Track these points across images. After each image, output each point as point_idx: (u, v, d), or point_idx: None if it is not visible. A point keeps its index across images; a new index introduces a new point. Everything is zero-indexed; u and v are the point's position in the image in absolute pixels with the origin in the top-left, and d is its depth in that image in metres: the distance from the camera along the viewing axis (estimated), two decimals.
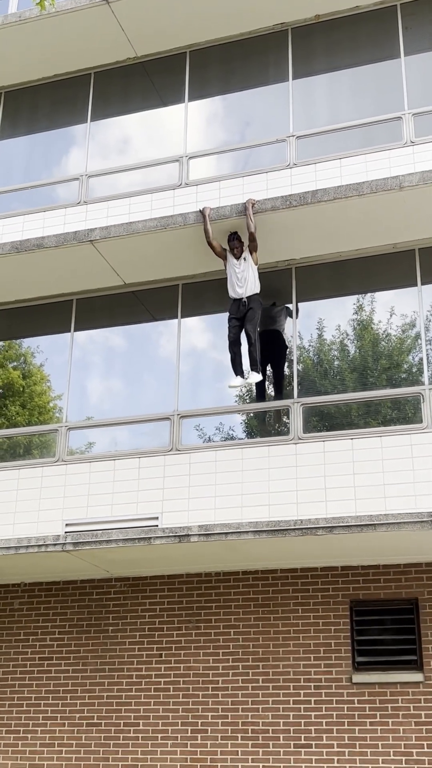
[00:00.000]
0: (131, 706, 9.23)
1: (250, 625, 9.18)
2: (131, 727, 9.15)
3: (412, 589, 8.85)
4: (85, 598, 9.87)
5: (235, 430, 10.08)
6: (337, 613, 8.98)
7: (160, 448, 9.71)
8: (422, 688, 8.44)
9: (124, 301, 10.54)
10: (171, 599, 9.57)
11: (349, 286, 10.03)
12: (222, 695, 8.99)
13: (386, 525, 8.18)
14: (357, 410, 9.59)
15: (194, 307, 10.25)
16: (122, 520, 9.35)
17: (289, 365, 9.82)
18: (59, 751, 9.30)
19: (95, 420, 10.45)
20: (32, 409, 11.43)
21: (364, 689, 8.61)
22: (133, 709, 9.21)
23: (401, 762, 8.25)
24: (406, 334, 9.84)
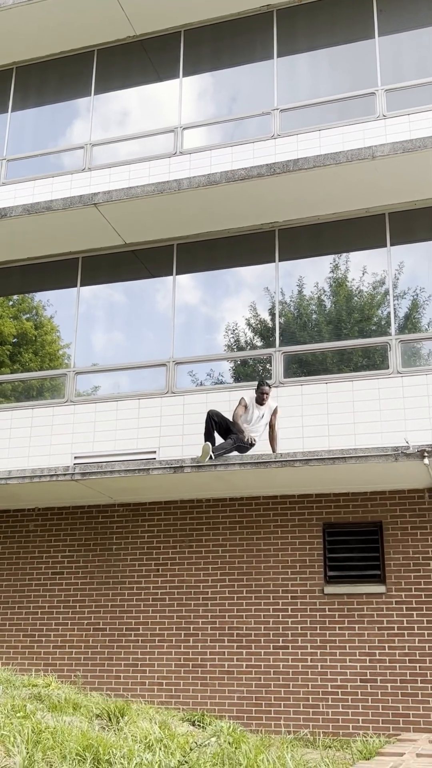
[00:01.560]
0: (132, 614, 9.48)
1: (236, 544, 9.39)
2: (132, 631, 9.42)
3: (377, 513, 9.04)
4: (92, 521, 10.06)
5: (224, 375, 10.19)
6: (311, 534, 9.18)
7: (157, 391, 9.81)
8: (384, 599, 8.69)
9: (125, 259, 10.56)
10: (167, 522, 9.76)
11: (326, 247, 10.05)
12: (211, 604, 9.24)
13: (355, 458, 8.34)
14: (332, 358, 9.69)
15: (187, 265, 10.28)
16: (124, 453, 9.48)
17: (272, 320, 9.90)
18: (69, 652, 9.57)
19: (100, 366, 10.54)
20: (44, 356, 11.50)
21: (334, 599, 8.86)
22: (133, 616, 9.47)
23: (365, 661, 8.53)
24: (377, 291, 9.89)
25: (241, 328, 10.20)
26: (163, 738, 4.62)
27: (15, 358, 11.45)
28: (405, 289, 9.61)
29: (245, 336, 10.29)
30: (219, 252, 10.20)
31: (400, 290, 9.61)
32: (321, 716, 8.41)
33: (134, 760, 3.93)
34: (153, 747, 4.34)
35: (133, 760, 3.92)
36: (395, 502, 9.01)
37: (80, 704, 5.53)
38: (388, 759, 5.10)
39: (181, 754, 4.30)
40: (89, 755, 3.97)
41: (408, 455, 8.12)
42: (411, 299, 9.64)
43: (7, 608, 10.00)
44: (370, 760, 5.10)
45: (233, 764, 4.31)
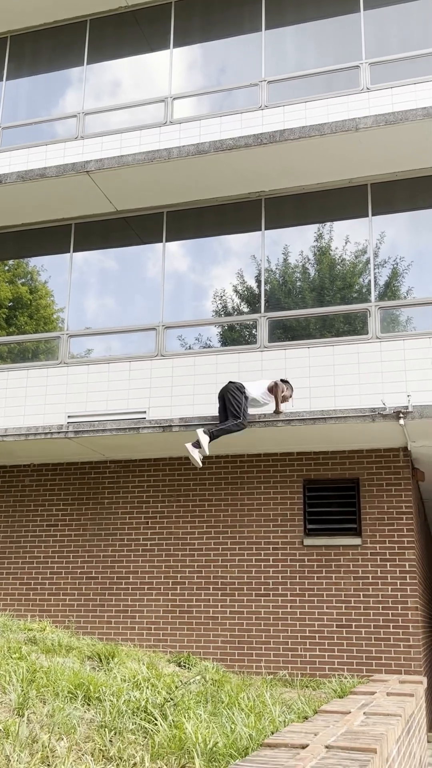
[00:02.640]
0: (123, 563, 9.58)
1: (221, 499, 9.47)
2: (123, 580, 9.53)
3: (355, 471, 9.12)
4: (85, 476, 10.10)
5: (212, 340, 10.16)
6: (292, 490, 9.26)
7: (147, 354, 9.78)
8: (360, 550, 8.82)
9: (116, 226, 10.43)
10: (156, 478, 9.82)
11: (311, 217, 9.96)
12: (197, 554, 9.35)
13: (335, 418, 8.38)
14: (314, 324, 9.67)
15: (177, 232, 10.18)
16: (115, 413, 9.48)
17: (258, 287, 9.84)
18: (63, 599, 9.69)
19: (92, 329, 10.48)
20: (38, 319, 11.41)
21: (313, 551, 8.98)
22: (124, 566, 9.57)
23: (341, 608, 8.68)
24: (358, 260, 9.84)
25: (229, 295, 10.14)
26: (151, 677, 4.69)
27: (11, 322, 11.36)
28: (386, 258, 9.56)
29: (232, 302, 10.23)
30: (207, 220, 10.08)
31: (381, 259, 9.56)
32: (299, 659, 8.57)
33: (123, 697, 4.00)
34: (141, 686, 4.40)
35: (121, 698, 3.98)
36: (372, 460, 9.09)
37: (73, 647, 5.60)
38: (360, 697, 5.21)
39: (167, 692, 4.38)
40: (80, 693, 4.03)
41: (385, 416, 8.16)
42: (391, 268, 9.60)
43: (3, 558, 10.07)
44: (344, 698, 5.21)
45: (216, 702, 4.39)
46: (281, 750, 3.13)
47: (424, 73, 9.05)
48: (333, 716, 4.17)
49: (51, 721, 3.41)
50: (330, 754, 3.06)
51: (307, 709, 4.49)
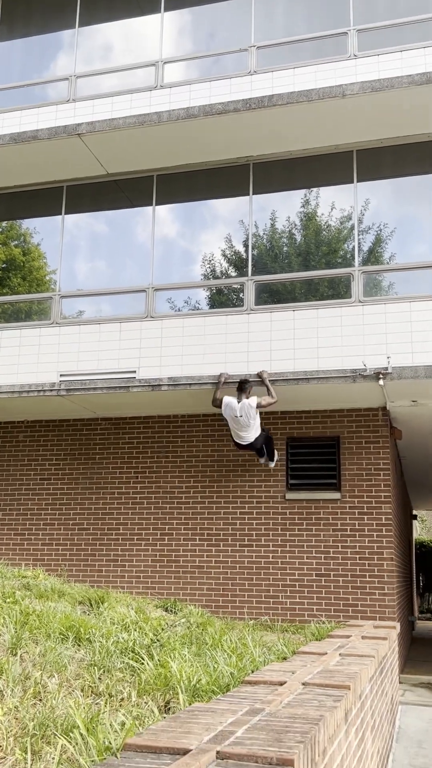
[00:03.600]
0: (113, 515, 9.66)
1: (208, 455, 9.53)
2: (113, 531, 9.62)
3: (336, 429, 9.19)
4: (77, 433, 10.12)
5: (201, 303, 10.09)
6: (276, 447, 9.34)
7: (137, 315, 9.69)
8: (339, 504, 8.94)
9: (107, 189, 10.24)
10: (145, 435, 9.85)
11: (298, 182, 9.82)
12: (185, 507, 9.44)
13: (318, 379, 8.42)
14: (299, 288, 9.62)
15: (167, 195, 10.01)
16: (106, 372, 9.43)
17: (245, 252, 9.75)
18: (56, 549, 9.78)
19: (84, 290, 10.37)
20: (31, 281, 11.27)
21: (295, 504, 9.09)
22: (114, 517, 9.65)
23: (321, 558, 8.82)
24: (343, 226, 9.75)
25: (217, 259, 10.04)
26: (139, 621, 4.76)
27: (4, 283, 11.21)
28: (369, 225, 9.47)
29: (220, 266, 10.14)
30: (197, 184, 9.92)
31: (365, 225, 9.47)
32: (280, 605, 8.72)
33: (112, 638, 4.06)
34: (129, 628, 4.47)
35: (110, 639, 4.04)
36: (352, 419, 9.15)
37: (65, 593, 5.66)
38: (336, 640, 5.32)
39: (154, 634, 4.44)
40: (71, 635, 4.08)
41: (365, 377, 8.20)
42: (375, 234, 9.52)
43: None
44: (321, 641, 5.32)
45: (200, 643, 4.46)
46: (261, 686, 3.20)
47: (411, 40, 8.85)
48: (310, 657, 4.26)
49: (43, 660, 3.46)
50: (306, 690, 3.13)
51: (286, 651, 4.57)
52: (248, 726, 2.35)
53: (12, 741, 2.29)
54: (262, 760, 1.98)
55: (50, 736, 2.37)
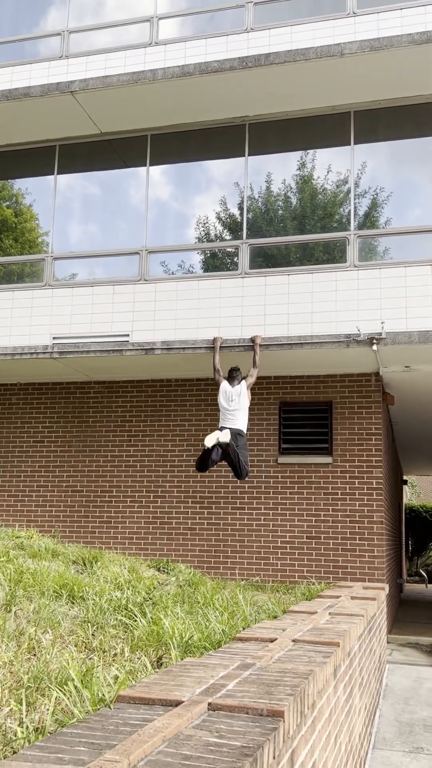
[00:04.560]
0: (106, 478, 9.71)
1: (201, 419, 9.55)
2: (106, 493, 9.68)
3: (328, 394, 9.22)
4: (70, 396, 10.11)
5: (194, 267, 10.00)
6: (269, 412, 9.37)
7: (130, 278, 9.60)
8: (330, 468, 9.01)
9: (100, 149, 10.04)
10: (139, 399, 9.85)
11: (294, 143, 9.66)
12: (177, 471, 9.49)
13: (311, 344, 8.40)
14: (294, 252, 9.54)
15: (161, 156, 9.83)
16: (99, 335, 9.37)
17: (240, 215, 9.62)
18: (50, 510, 9.84)
19: (76, 252, 10.24)
20: (23, 243, 11.12)
21: (287, 468, 9.15)
22: (107, 480, 9.70)
23: (312, 521, 8.92)
24: (339, 189, 9.63)
25: (212, 222, 9.93)
26: (132, 580, 4.81)
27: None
28: (366, 189, 9.36)
29: (215, 229, 10.03)
30: (191, 144, 9.74)
31: (362, 189, 9.35)
32: (271, 567, 8.84)
33: (105, 596, 4.10)
34: (122, 587, 4.52)
35: (104, 597, 4.09)
36: (345, 384, 9.16)
37: (58, 552, 5.71)
38: (326, 600, 5.40)
39: (147, 592, 4.50)
40: (65, 593, 4.12)
41: (359, 342, 8.18)
42: (371, 198, 9.41)
43: None
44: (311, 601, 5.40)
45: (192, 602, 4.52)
46: (252, 643, 3.25)
47: None
48: (300, 615, 4.33)
49: (37, 616, 3.50)
50: (296, 647, 3.18)
51: (276, 610, 4.64)
52: (239, 680, 2.39)
53: (7, 693, 2.33)
54: (253, 712, 2.02)
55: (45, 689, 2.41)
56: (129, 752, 1.59)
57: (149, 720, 1.89)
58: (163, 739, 1.73)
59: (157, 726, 1.81)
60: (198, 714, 1.98)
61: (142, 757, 1.60)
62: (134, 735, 1.73)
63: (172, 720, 1.86)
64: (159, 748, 1.67)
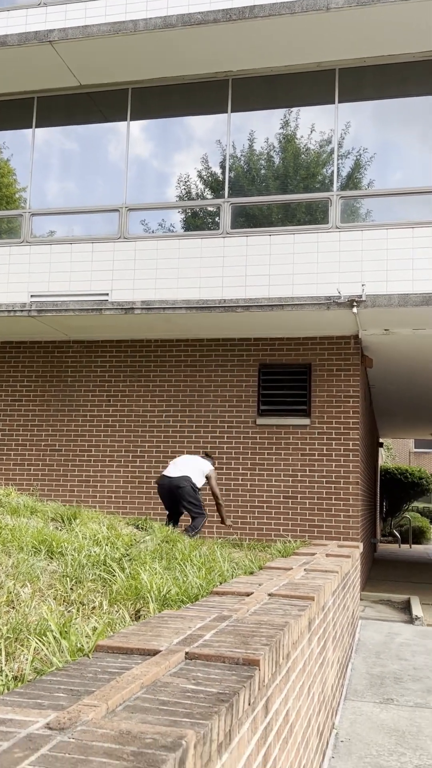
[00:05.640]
0: (85, 437, 9.71)
1: (181, 380, 9.54)
2: (85, 453, 9.68)
3: (308, 356, 9.24)
4: (48, 355, 10.02)
5: (175, 226, 9.87)
6: (248, 374, 9.38)
7: (110, 236, 9.46)
8: (308, 430, 9.09)
9: (80, 102, 9.78)
10: (118, 359, 9.80)
11: (277, 100, 9.49)
12: (156, 431, 9.51)
13: (292, 305, 8.38)
14: (277, 213, 9.44)
15: (141, 111, 9.62)
16: (78, 294, 9.27)
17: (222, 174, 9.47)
18: (28, 469, 9.83)
19: (54, 208, 10.04)
20: (0, 198, 10.87)
21: (265, 429, 9.21)
22: (87, 439, 9.70)
23: (289, 481, 9.02)
24: (323, 150, 9.51)
25: (193, 181, 9.77)
26: (110, 536, 4.84)
27: None
28: (349, 149, 9.25)
29: (196, 188, 9.88)
30: (173, 99, 9.53)
31: (345, 150, 9.24)
32: (248, 525, 8.95)
33: (84, 552, 4.13)
34: (101, 543, 4.55)
35: (82, 553, 4.11)
36: (324, 347, 9.18)
37: (37, 509, 5.72)
38: (302, 557, 5.50)
39: (125, 548, 4.54)
40: (44, 548, 4.14)
41: (339, 305, 8.18)
42: (354, 159, 9.31)
43: None
44: (287, 558, 5.49)
45: (170, 558, 4.56)
46: (228, 597, 3.30)
47: None
48: (276, 571, 4.40)
49: (16, 571, 3.51)
50: (272, 601, 3.23)
51: (253, 566, 4.71)
52: (216, 630, 2.43)
53: None
54: (229, 661, 2.06)
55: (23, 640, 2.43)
56: (107, 698, 1.61)
57: (127, 668, 1.91)
58: (141, 685, 1.76)
59: (135, 673, 1.83)
60: (175, 663, 2.01)
61: (120, 702, 1.62)
62: (112, 682, 1.75)
63: (150, 668, 1.89)
64: (137, 694, 1.70)
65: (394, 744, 4.33)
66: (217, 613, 2.79)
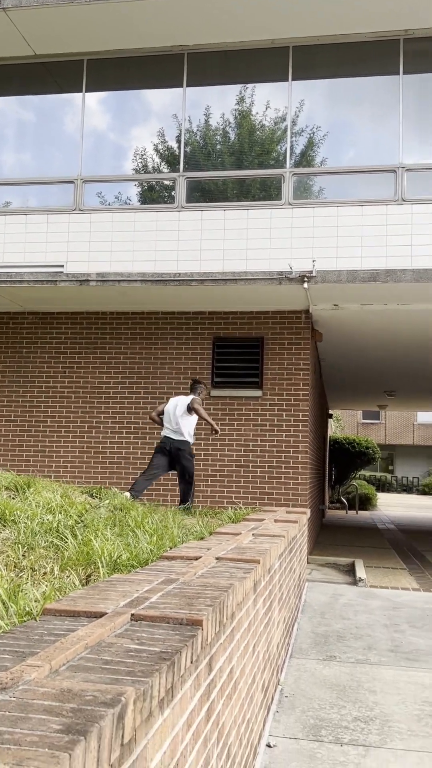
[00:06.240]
0: (41, 408, 9.58)
1: (136, 352, 9.48)
2: (41, 423, 9.56)
3: (260, 330, 9.27)
4: (3, 326, 9.81)
5: (132, 199, 9.71)
6: (202, 347, 9.37)
7: (65, 207, 9.27)
8: (260, 401, 9.15)
9: (35, 72, 9.47)
10: (74, 331, 9.66)
11: (233, 76, 9.36)
12: (112, 402, 9.45)
13: (245, 280, 8.36)
14: (232, 188, 9.37)
15: (97, 83, 9.37)
16: (33, 265, 9.09)
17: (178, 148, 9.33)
18: None
19: (9, 179, 9.75)
20: None
21: (219, 401, 9.25)
22: (42, 410, 9.58)
23: (241, 450, 9.09)
24: (277, 127, 9.45)
25: (150, 154, 9.61)
26: (64, 505, 4.81)
27: None
28: (303, 127, 9.21)
29: (153, 162, 9.72)
30: (129, 72, 9.30)
31: (299, 128, 9.20)
32: (201, 493, 9.01)
33: (36, 520, 4.09)
34: (54, 511, 4.51)
35: (35, 520, 4.08)
36: (276, 321, 9.22)
37: None
38: (251, 523, 5.56)
39: (78, 516, 4.52)
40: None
41: (291, 280, 8.20)
42: (308, 137, 9.28)
43: None
44: (237, 523, 5.55)
45: (123, 525, 4.56)
46: (177, 561, 3.32)
47: None
48: (225, 537, 4.45)
49: None
50: (219, 564, 3.27)
51: (204, 532, 4.75)
52: (163, 593, 2.44)
53: None
54: (174, 621, 2.07)
55: None
56: (51, 658, 1.61)
57: (73, 630, 1.91)
58: (85, 646, 1.76)
59: (80, 635, 1.83)
60: (121, 624, 2.02)
61: (63, 662, 1.62)
62: (57, 643, 1.75)
63: (95, 629, 1.89)
64: (81, 655, 1.70)
65: (335, 698, 4.47)
66: (165, 576, 2.80)
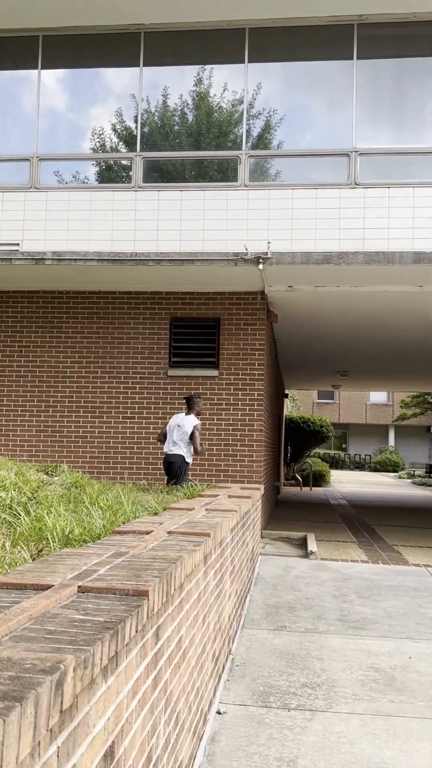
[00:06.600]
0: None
1: (93, 332, 9.37)
2: (2, 407, 9.42)
3: (217, 311, 9.27)
4: None
5: (89, 178, 9.54)
6: (160, 326, 9.33)
7: (21, 185, 9.04)
8: (216, 381, 9.17)
9: None
10: (30, 310, 9.49)
11: (190, 57, 9.22)
12: (69, 381, 9.34)
13: (201, 260, 8.33)
14: (189, 169, 9.28)
15: (54, 60, 9.12)
16: None
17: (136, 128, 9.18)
18: None
19: None
20: None
21: (176, 380, 9.23)
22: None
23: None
24: (235, 109, 9.37)
25: (107, 134, 9.44)
26: (18, 482, 4.75)
27: None
28: (260, 110, 9.15)
29: (111, 142, 9.55)
30: (86, 50, 9.08)
31: (256, 111, 9.14)
32: (158, 471, 9.01)
33: None
34: (7, 488, 4.46)
35: None
36: (233, 301, 9.22)
37: None
38: (205, 499, 5.60)
39: (32, 493, 4.47)
40: None
41: (246, 261, 8.20)
42: (264, 120, 9.23)
43: None
44: (191, 499, 5.58)
45: (77, 502, 4.54)
46: (129, 535, 3.32)
47: None
48: (179, 512, 4.46)
49: None
50: (170, 538, 3.28)
51: (158, 508, 4.76)
52: (111, 566, 2.44)
53: None
54: (120, 592, 2.08)
55: None
56: None
57: (18, 602, 1.90)
58: (29, 617, 1.75)
59: (24, 606, 1.82)
60: (67, 596, 2.01)
61: (6, 633, 1.61)
62: (0, 614, 1.73)
63: (40, 601, 1.88)
64: (24, 625, 1.69)
65: (284, 666, 4.56)
66: (115, 550, 2.80)
